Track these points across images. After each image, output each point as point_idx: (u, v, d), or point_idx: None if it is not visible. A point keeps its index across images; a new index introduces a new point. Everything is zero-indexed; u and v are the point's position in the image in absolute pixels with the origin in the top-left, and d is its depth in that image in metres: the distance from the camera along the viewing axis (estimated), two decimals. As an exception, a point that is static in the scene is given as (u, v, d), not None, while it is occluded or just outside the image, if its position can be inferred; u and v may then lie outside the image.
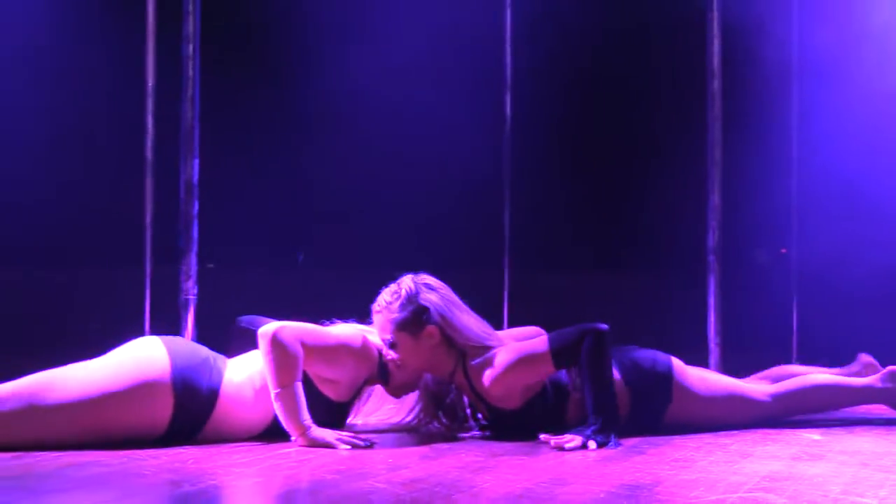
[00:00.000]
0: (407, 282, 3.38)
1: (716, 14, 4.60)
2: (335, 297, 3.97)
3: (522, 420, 3.35)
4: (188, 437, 3.14)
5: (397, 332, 3.29)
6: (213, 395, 3.17)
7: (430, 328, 3.30)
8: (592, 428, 3.16)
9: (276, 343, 3.13)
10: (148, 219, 5.33)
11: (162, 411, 3.11)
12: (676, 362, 3.67)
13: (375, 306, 3.35)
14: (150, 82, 4.16)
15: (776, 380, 3.87)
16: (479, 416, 3.57)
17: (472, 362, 3.33)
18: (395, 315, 3.29)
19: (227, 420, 3.20)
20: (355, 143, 7.02)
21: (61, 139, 6.31)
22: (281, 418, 3.13)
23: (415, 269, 3.53)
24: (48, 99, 6.12)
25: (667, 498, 2.40)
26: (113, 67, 5.95)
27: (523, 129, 6.67)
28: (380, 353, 3.34)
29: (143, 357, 3.15)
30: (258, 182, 6.65)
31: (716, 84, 4.56)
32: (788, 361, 6.33)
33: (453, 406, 3.57)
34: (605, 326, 3.28)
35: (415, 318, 3.30)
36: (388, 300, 3.34)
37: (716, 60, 4.59)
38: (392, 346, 3.31)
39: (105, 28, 5.82)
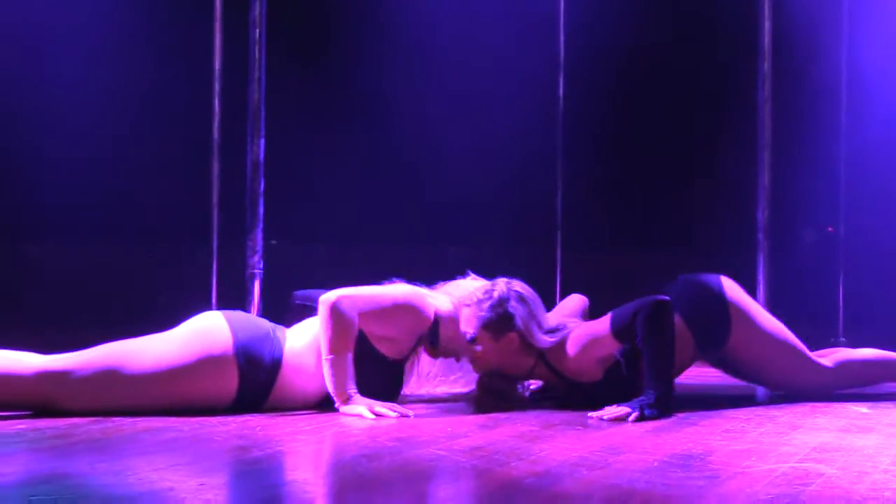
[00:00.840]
0: (500, 286, 3.39)
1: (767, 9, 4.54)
2: (395, 272, 3.99)
3: (607, 389, 3.34)
4: (255, 406, 3.18)
5: (481, 330, 3.32)
6: (275, 364, 3.21)
7: (512, 335, 3.33)
8: (643, 401, 3.16)
9: (335, 312, 3.16)
10: (215, 197, 5.38)
11: (228, 383, 3.15)
12: (727, 281, 3.68)
13: (466, 299, 3.38)
14: (218, 65, 4.20)
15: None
16: (531, 385, 3.60)
17: (549, 357, 3.36)
18: (482, 314, 3.32)
19: (290, 387, 3.24)
20: (414, 125, 7.02)
21: (133, 121, 6.37)
22: (328, 383, 3.16)
23: (470, 245, 3.58)
24: (120, 82, 6.17)
25: (719, 467, 2.39)
26: (182, 51, 5.98)
27: (575, 111, 6.65)
28: (436, 316, 3.36)
29: (206, 332, 3.19)
30: (321, 161, 6.68)
31: (766, 65, 4.51)
32: (835, 337, 6.29)
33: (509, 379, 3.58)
34: (663, 298, 3.27)
35: (499, 322, 3.32)
36: (479, 297, 3.36)
37: (766, 41, 4.53)
38: (473, 340, 3.33)
39: (175, 13, 5.85)
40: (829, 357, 3.79)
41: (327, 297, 3.20)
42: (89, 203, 6.17)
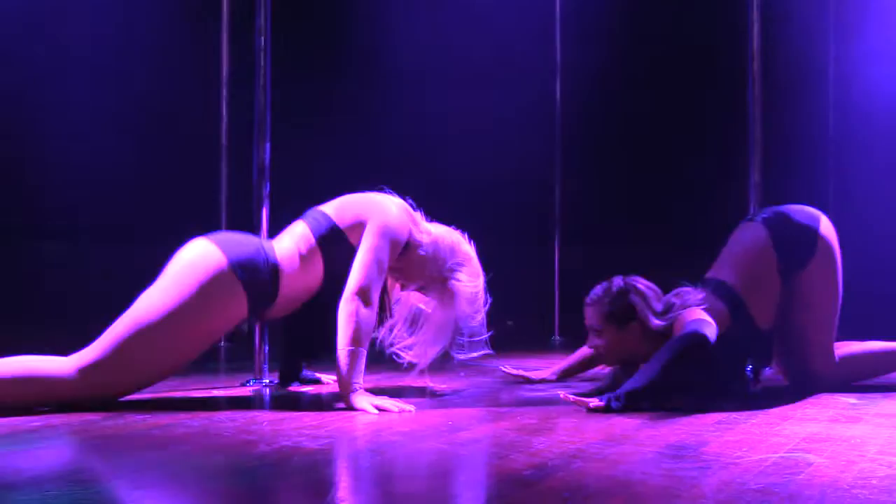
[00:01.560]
0: (618, 281, 3.53)
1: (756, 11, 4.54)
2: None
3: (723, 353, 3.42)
4: (269, 308, 3.29)
5: (605, 324, 3.46)
6: (273, 267, 3.27)
7: (634, 325, 3.45)
8: (613, 395, 3.17)
9: (362, 311, 3.19)
10: (223, 198, 5.40)
11: (236, 297, 3.21)
12: (824, 219, 3.75)
13: (587, 299, 3.53)
14: (225, 72, 4.20)
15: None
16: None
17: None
18: (605, 308, 3.47)
19: (294, 283, 3.32)
20: (416, 128, 7.04)
21: (146, 125, 6.38)
22: (339, 372, 3.16)
23: (474, 241, 3.61)
24: (135, 88, 6.18)
25: (712, 458, 2.39)
26: (192, 59, 6.00)
27: (573, 111, 6.66)
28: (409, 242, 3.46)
29: (198, 260, 3.22)
30: (324, 163, 6.68)
31: (756, 66, 4.50)
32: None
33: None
34: (704, 337, 3.28)
35: (621, 314, 3.46)
36: (599, 294, 3.51)
37: (756, 43, 4.53)
38: (598, 334, 3.48)
39: (185, 23, 5.86)
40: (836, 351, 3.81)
41: (351, 296, 3.21)
42: (104, 203, 6.18)
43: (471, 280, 3.51)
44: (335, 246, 3.34)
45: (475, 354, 3.52)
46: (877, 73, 6.39)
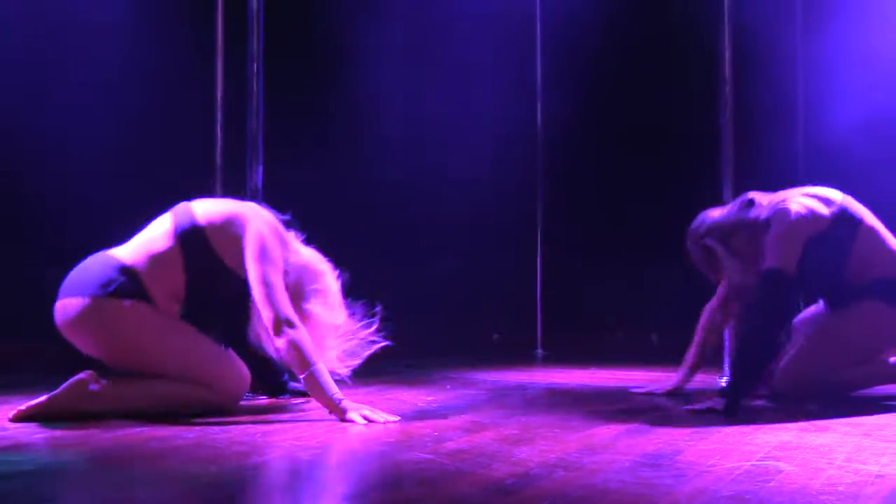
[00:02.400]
0: (693, 225, 3.80)
1: (727, 28, 4.57)
2: (384, 285, 4.02)
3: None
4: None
5: (714, 256, 3.70)
6: (129, 270, 3.25)
7: (737, 236, 3.66)
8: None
9: (292, 335, 3.11)
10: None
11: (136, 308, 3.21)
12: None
13: (693, 261, 3.81)
14: (220, 96, 4.20)
15: None
16: None
17: None
18: (704, 242, 3.71)
19: (158, 281, 3.27)
20: (403, 147, 7.05)
21: (143, 146, 6.37)
22: (318, 398, 3.12)
23: (459, 257, 3.65)
24: (132, 111, 6.15)
25: (687, 466, 2.40)
26: (187, 82, 5.99)
27: (554, 131, 6.69)
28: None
29: (79, 315, 3.22)
30: (316, 184, 6.69)
31: (727, 89, 4.54)
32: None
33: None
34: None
35: (720, 235, 3.68)
36: (690, 245, 3.80)
37: (727, 68, 4.56)
38: (717, 271, 3.74)
39: (180, 46, 5.86)
40: None
41: (273, 333, 3.15)
42: (103, 223, 6.13)
43: (325, 311, 3.35)
44: (194, 246, 3.29)
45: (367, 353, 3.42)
46: (845, 103, 6.44)
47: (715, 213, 3.77)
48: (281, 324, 3.12)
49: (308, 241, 3.54)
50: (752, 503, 2.01)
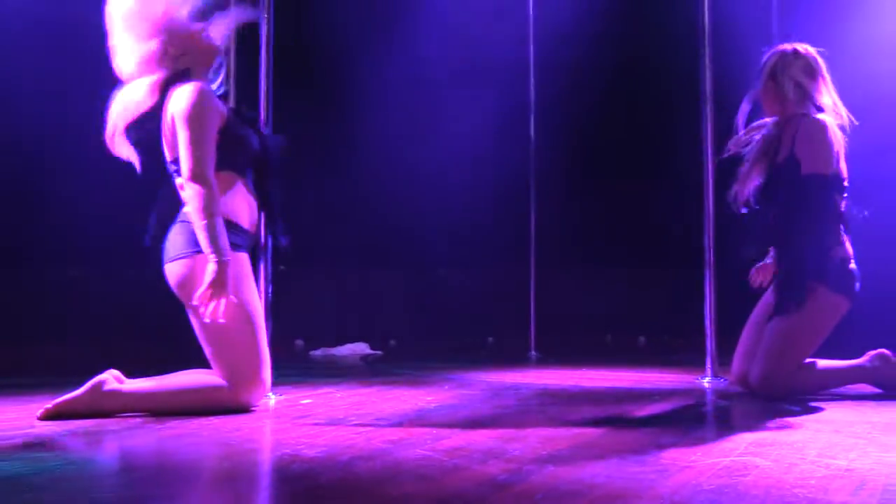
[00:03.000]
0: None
1: (707, 49, 4.59)
2: (384, 292, 4.05)
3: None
4: None
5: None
6: None
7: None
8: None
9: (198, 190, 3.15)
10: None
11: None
12: None
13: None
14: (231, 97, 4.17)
15: None
16: None
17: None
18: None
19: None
20: (403, 161, 7.07)
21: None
22: (208, 242, 3.12)
23: (456, 267, 3.66)
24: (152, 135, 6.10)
25: (670, 462, 2.41)
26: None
27: (545, 146, 6.70)
28: None
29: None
30: (323, 196, 6.72)
31: (708, 108, 4.56)
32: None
33: None
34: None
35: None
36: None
37: (708, 85, 4.59)
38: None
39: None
40: None
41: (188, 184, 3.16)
42: (120, 232, 6.08)
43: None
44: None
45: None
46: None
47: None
48: (194, 182, 3.14)
49: (315, 256, 3.56)
50: (730, 496, 2.03)
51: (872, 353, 3.89)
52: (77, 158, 5.97)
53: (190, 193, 3.15)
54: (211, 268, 3.09)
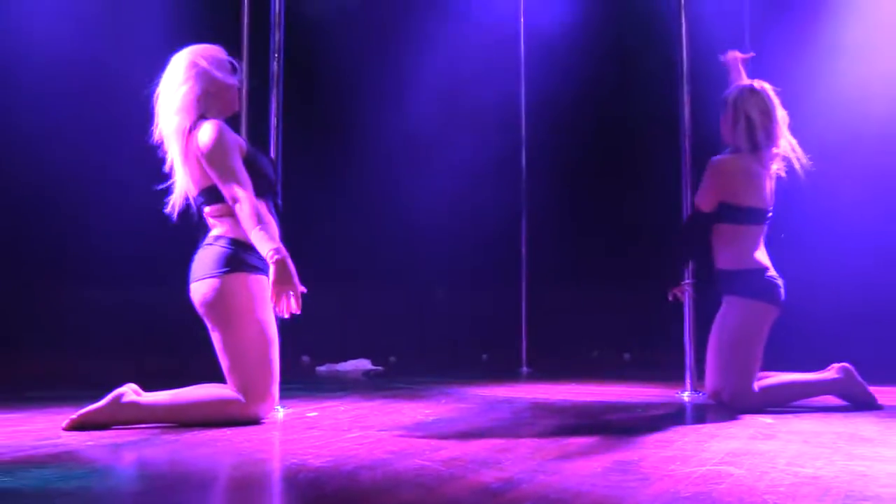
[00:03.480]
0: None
1: (686, 89, 4.66)
2: (386, 312, 4.08)
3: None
4: None
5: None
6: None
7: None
8: None
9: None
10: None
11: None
12: None
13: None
14: (244, 130, 4.21)
15: None
16: None
17: None
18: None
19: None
20: (403, 189, 7.11)
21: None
22: (266, 242, 3.19)
23: (454, 288, 3.69)
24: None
25: (650, 471, 2.45)
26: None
27: (536, 178, 6.75)
28: None
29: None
30: (329, 226, 6.74)
31: (686, 142, 4.62)
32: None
33: None
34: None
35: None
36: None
37: (687, 123, 4.64)
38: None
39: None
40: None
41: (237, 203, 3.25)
42: (134, 252, 6.08)
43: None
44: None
45: None
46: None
47: None
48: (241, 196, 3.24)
49: (321, 277, 3.62)
50: (706, 503, 2.08)
51: (836, 365, 3.95)
52: (107, 193, 6.05)
53: (240, 207, 3.23)
54: (272, 268, 3.16)
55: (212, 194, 3.35)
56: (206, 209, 3.40)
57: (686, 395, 4.37)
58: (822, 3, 6.48)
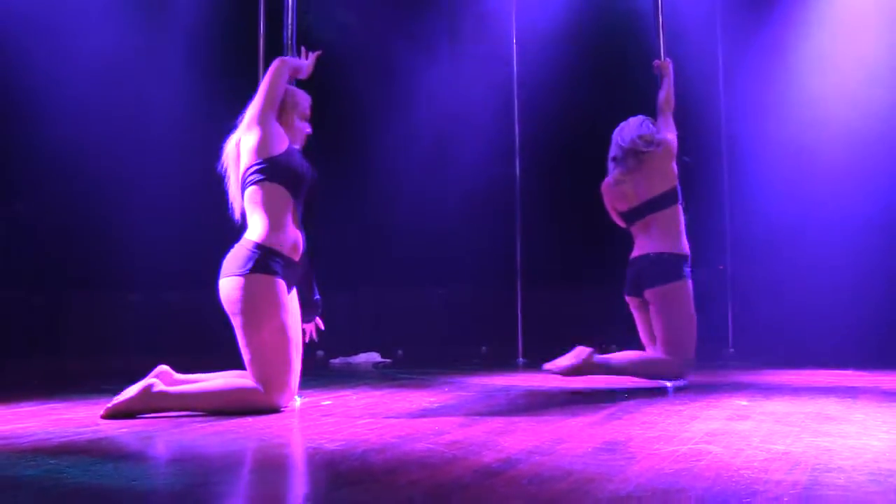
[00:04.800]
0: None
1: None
2: (394, 308, 4.07)
3: None
4: None
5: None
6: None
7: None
8: None
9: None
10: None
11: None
12: None
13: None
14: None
15: None
16: None
17: None
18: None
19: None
20: (408, 195, 7.11)
21: (194, 187, 6.31)
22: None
23: (448, 286, 3.69)
24: (186, 161, 6.07)
25: (636, 450, 2.45)
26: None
27: (529, 182, 6.74)
28: None
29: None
30: (341, 229, 6.74)
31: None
32: (726, 348, 6.34)
33: None
34: None
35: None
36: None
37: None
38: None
39: (228, 102, 5.94)
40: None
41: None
42: (165, 257, 6.08)
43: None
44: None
45: None
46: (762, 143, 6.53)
47: None
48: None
49: (334, 277, 3.62)
50: (686, 478, 2.07)
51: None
52: (145, 205, 6.05)
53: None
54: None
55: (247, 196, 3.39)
56: (243, 210, 3.46)
57: (669, 382, 4.36)
58: (792, 12, 6.49)
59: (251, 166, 3.37)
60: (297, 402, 3.60)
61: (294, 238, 3.39)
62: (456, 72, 7.20)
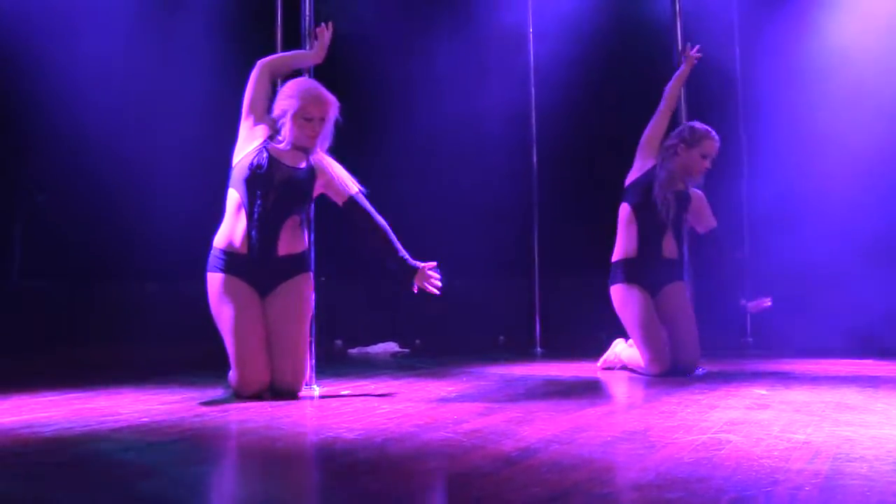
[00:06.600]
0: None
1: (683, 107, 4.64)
2: (411, 299, 4.07)
3: None
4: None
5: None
6: None
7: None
8: None
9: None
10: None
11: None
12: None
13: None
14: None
15: None
16: None
17: None
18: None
19: None
20: (425, 180, 7.11)
21: (209, 184, 6.37)
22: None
23: (474, 276, 3.69)
24: (204, 156, 6.09)
25: (656, 439, 2.43)
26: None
27: (546, 175, 6.72)
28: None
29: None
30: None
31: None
32: (744, 337, 6.30)
33: None
34: None
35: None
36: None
37: (684, 117, 4.62)
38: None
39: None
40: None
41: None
42: (180, 249, 6.09)
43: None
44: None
45: None
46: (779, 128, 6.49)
47: None
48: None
49: (351, 269, 3.64)
50: (706, 468, 2.05)
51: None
52: (161, 199, 6.07)
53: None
54: None
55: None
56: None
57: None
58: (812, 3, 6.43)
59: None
60: (316, 391, 3.60)
61: (241, 231, 3.48)
62: (475, 62, 7.17)
